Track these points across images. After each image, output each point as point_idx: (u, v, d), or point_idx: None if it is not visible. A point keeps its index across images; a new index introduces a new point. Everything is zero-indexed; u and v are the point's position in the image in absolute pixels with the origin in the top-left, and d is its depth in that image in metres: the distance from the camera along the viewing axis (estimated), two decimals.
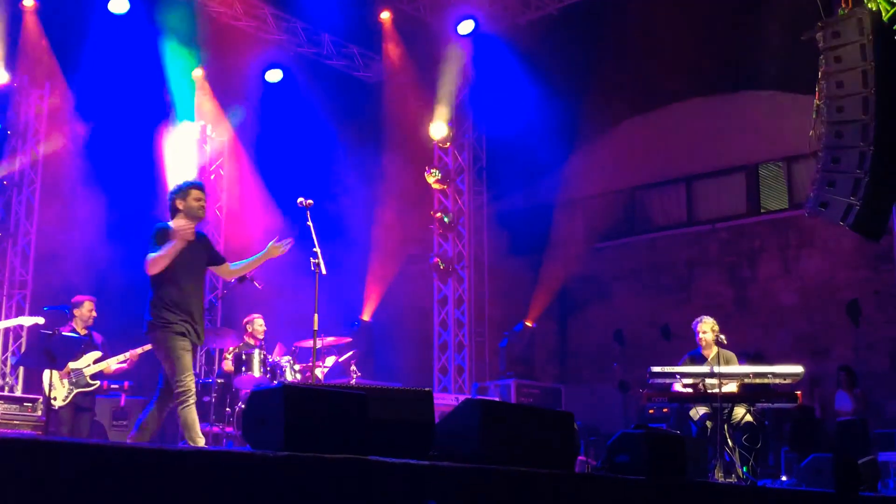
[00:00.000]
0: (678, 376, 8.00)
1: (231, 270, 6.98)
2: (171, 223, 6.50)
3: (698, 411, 8.18)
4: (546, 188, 14.09)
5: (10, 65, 12.20)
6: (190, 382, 6.30)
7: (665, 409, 8.97)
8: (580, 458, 8.61)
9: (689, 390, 8.00)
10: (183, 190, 6.62)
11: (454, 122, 13.90)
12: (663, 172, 14.41)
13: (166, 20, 12.25)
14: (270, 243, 6.87)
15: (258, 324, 10.40)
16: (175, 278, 6.41)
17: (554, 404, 12.04)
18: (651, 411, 9.31)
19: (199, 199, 6.59)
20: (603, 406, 12.08)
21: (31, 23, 12.13)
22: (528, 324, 13.25)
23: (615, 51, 12.53)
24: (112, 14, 12.16)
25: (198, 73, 13.59)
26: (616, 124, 14.18)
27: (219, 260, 6.89)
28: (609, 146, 14.35)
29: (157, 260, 6.31)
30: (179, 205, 6.56)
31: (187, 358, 6.36)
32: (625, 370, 11.60)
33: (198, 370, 13.36)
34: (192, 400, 6.34)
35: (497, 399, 11.69)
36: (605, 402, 12.13)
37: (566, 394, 12.53)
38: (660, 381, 8.00)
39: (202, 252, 6.66)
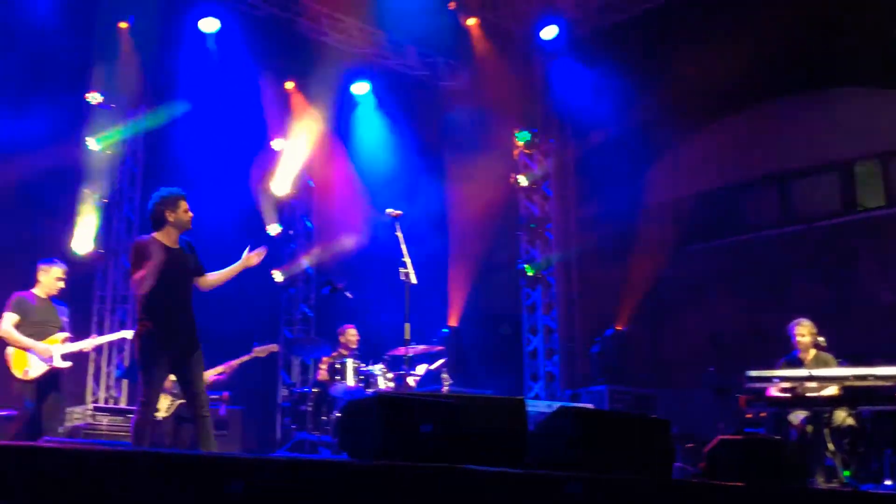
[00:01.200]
0: (776, 380, 7.85)
1: (209, 281, 6.84)
2: (155, 234, 6.54)
3: (797, 415, 8.02)
4: (634, 191, 13.93)
5: (107, 86, 12.61)
6: (151, 395, 6.35)
7: (763, 414, 8.80)
8: (677, 464, 8.50)
9: (787, 394, 7.84)
10: (171, 200, 6.63)
11: (539, 128, 13.88)
12: (755, 172, 14.13)
13: (255, 37, 12.52)
14: (245, 252, 6.85)
15: (351, 333, 10.56)
16: (156, 290, 6.38)
17: (648, 410, 11.90)
18: (749, 416, 9.14)
19: (187, 211, 6.63)
20: (698, 411, 11.86)
21: (125, 44, 12.49)
22: (619, 328, 13.13)
23: (702, 51, 12.34)
24: (202, 33, 12.50)
25: (288, 87, 13.87)
26: (705, 125, 13.96)
27: (200, 271, 6.80)
28: (698, 147, 14.14)
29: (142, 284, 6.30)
30: (169, 216, 6.58)
31: (158, 370, 6.38)
32: (720, 374, 11.40)
33: (293, 380, 13.62)
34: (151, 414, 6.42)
35: (590, 406, 11.62)
36: (701, 407, 11.92)
37: (660, 399, 12.36)
38: (757, 385, 7.86)
39: (189, 262, 6.66)
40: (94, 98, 12.52)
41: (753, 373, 7.76)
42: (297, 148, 14.26)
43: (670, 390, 12.75)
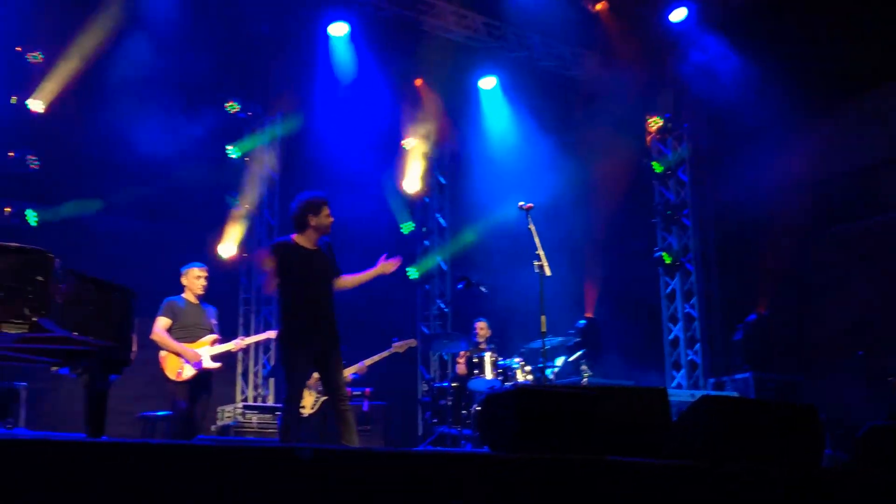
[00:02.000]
0: None
1: (344, 283, 7.01)
2: (295, 237, 6.77)
3: None
4: (772, 173, 13.48)
5: (243, 94, 13.04)
6: (295, 392, 6.55)
7: None
8: (827, 452, 8.23)
9: None
10: (315, 205, 6.82)
11: (672, 113, 13.63)
12: None
13: (382, 38, 12.71)
14: (381, 259, 7.01)
15: (480, 327, 10.68)
16: (296, 290, 6.68)
17: (795, 397, 11.55)
18: None
19: (329, 215, 6.81)
20: (848, 397, 11.44)
21: (265, 47, 12.86)
22: (762, 313, 12.78)
23: (840, 26, 11.88)
24: (331, 37, 12.78)
25: (416, 85, 14.04)
26: (846, 101, 13.40)
27: (336, 273, 6.97)
28: (839, 124, 13.59)
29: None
30: (311, 220, 6.77)
31: (301, 368, 6.61)
32: (870, 359, 10.97)
33: (432, 374, 13.78)
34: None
35: (735, 394, 11.35)
36: (850, 393, 11.50)
37: (807, 386, 11.98)
38: None
39: (328, 263, 6.85)
40: (232, 107, 12.96)
41: None
42: (426, 145, 14.41)
43: (818, 376, 12.33)
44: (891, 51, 12.04)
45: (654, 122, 13.52)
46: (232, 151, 12.93)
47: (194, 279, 8.66)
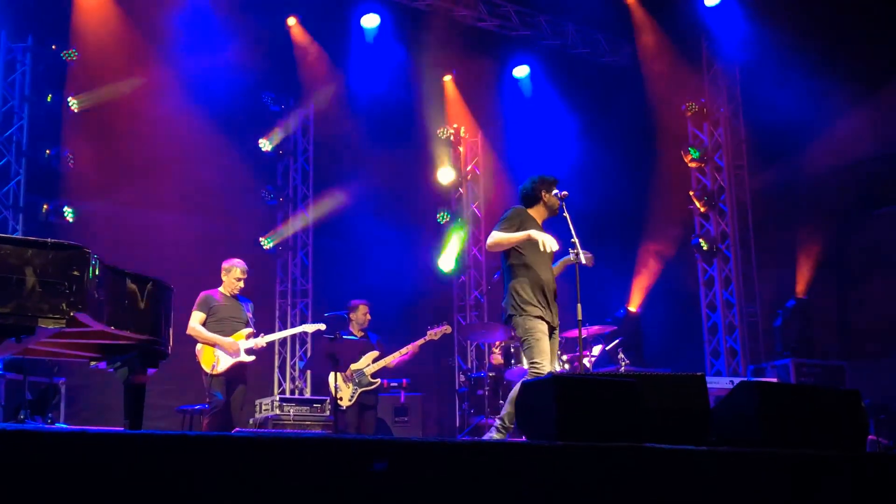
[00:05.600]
0: None
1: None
2: (531, 210, 6.94)
3: None
4: (812, 156, 13.29)
5: (273, 86, 13.08)
6: (544, 366, 6.51)
7: None
8: (870, 437, 8.12)
9: None
10: (548, 183, 7.02)
11: (708, 98, 13.49)
12: None
13: (414, 29, 12.70)
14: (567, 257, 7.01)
15: None
16: (530, 266, 6.74)
17: (837, 383, 11.39)
18: None
19: (557, 195, 6.97)
20: (893, 382, 11.28)
21: (299, 40, 12.90)
22: (802, 298, 12.62)
23: (880, 8, 11.68)
24: (365, 28, 12.79)
25: (448, 77, 14.01)
26: (886, 83, 13.19)
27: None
28: (880, 104, 13.37)
29: (501, 242, 6.70)
30: (545, 196, 6.97)
31: (544, 341, 6.61)
32: None
33: (469, 364, 13.77)
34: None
35: (775, 380, 11.23)
36: (894, 377, 11.33)
37: (850, 371, 11.80)
38: None
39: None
40: (271, 101, 13.03)
41: None
42: (460, 136, 14.39)
43: (861, 361, 12.16)
44: None
45: (690, 108, 13.37)
46: (265, 144, 12.97)
47: (234, 280, 8.72)
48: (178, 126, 11.76)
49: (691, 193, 13.31)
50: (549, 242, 6.51)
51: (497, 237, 6.71)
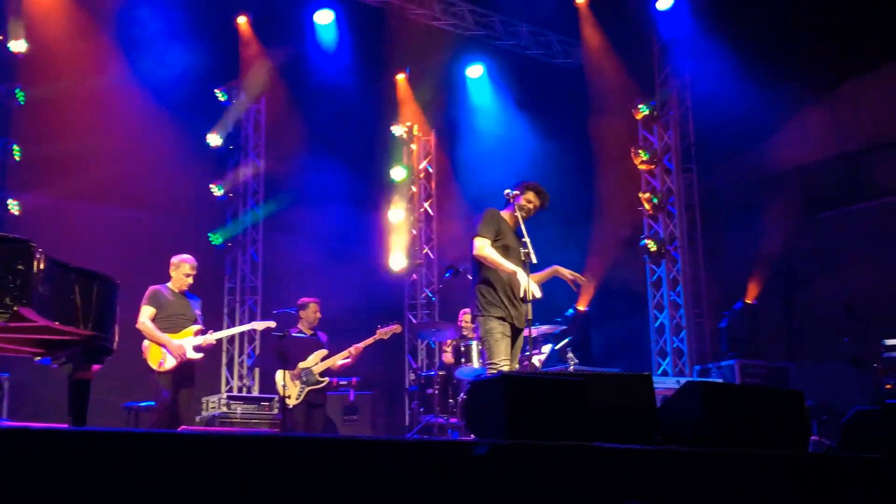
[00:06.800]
0: None
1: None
2: (503, 212, 7.01)
3: None
4: (759, 159, 13.48)
5: (226, 81, 12.98)
6: (502, 366, 6.57)
7: None
8: (813, 437, 8.25)
9: None
10: (529, 187, 7.05)
11: (657, 101, 13.62)
12: (886, 134, 13.50)
13: (367, 26, 12.68)
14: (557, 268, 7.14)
15: (467, 318, 10.61)
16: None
17: (782, 384, 11.57)
18: (888, 386, 8.80)
19: (530, 201, 7.02)
20: (835, 383, 11.47)
21: (246, 38, 12.82)
22: (748, 301, 12.80)
23: (827, 10, 11.87)
24: (317, 25, 12.74)
25: (401, 76, 14.00)
26: (833, 87, 13.40)
27: None
28: (827, 110, 13.58)
29: (488, 259, 6.74)
30: (520, 199, 7.00)
31: (503, 342, 6.67)
32: (857, 345, 10.99)
33: (419, 363, 13.77)
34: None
35: (720, 381, 11.36)
36: (837, 379, 11.52)
37: (794, 372, 12.00)
38: (895, 354, 7.56)
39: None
40: (221, 96, 12.92)
41: (890, 341, 7.46)
42: (412, 133, 14.38)
43: (804, 363, 12.37)
44: (876, 39, 12.05)
45: (641, 110, 13.49)
46: (213, 139, 12.85)
47: (183, 275, 8.60)
48: (127, 119, 11.64)
49: (641, 195, 13.42)
50: (532, 290, 6.54)
51: (486, 253, 6.73)
